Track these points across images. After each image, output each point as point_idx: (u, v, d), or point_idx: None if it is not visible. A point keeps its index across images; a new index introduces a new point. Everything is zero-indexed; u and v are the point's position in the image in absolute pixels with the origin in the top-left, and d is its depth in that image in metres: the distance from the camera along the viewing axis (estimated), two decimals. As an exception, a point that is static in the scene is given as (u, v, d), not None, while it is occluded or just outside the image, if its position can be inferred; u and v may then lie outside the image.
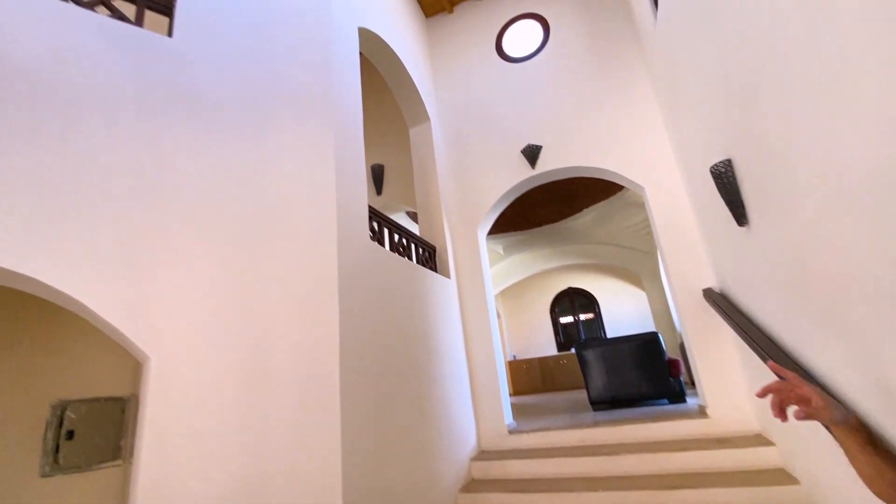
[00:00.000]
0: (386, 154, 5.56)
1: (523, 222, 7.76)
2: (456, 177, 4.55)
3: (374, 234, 2.92)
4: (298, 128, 2.38)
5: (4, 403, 2.22)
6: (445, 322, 3.58)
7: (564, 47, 4.53)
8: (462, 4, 5.30)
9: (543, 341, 10.74)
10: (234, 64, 2.29)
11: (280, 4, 2.63)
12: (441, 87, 5.00)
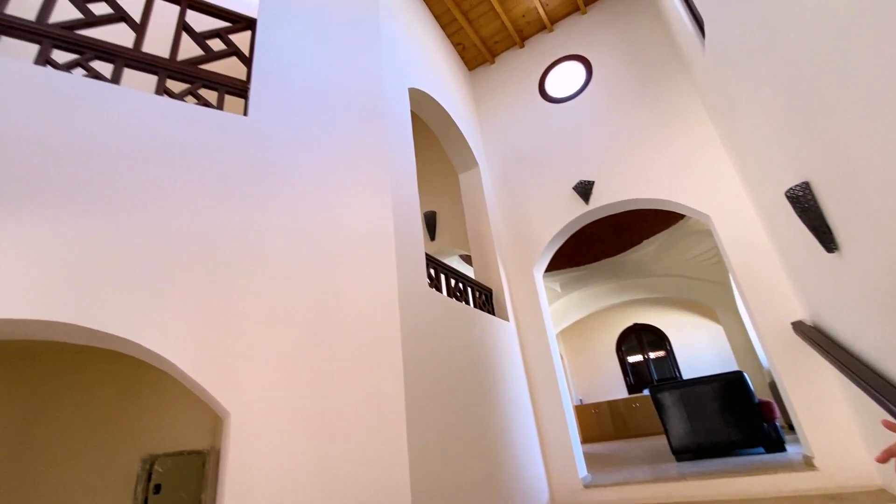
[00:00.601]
0: (437, 200, 5.72)
1: (580, 258, 7.56)
2: (508, 218, 4.57)
3: (432, 281, 2.97)
4: (359, 185, 2.52)
5: (97, 457, 2.40)
6: (508, 367, 3.48)
7: (608, 83, 4.55)
8: (503, 54, 5.52)
9: (611, 383, 10.09)
10: (301, 132, 2.50)
11: (338, 76, 2.88)
12: (487, 132, 5.15)
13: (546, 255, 4.34)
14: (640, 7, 4.69)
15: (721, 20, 2.75)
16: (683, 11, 3.55)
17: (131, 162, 1.88)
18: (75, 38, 2.05)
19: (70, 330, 1.61)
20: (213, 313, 1.82)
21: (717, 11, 2.77)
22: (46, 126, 1.77)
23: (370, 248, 2.36)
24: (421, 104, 4.00)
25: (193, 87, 2.29)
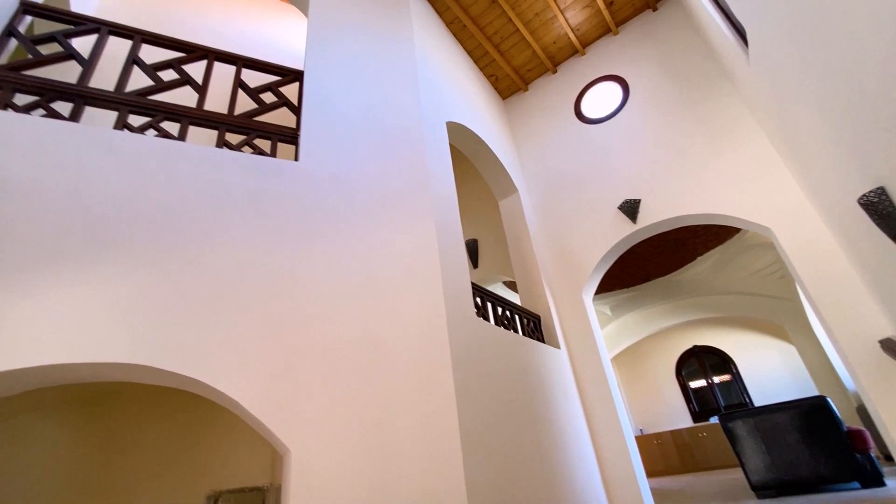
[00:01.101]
0: (478, 228, 5.74)
1: (630, 278, 7.28)
2: (552, 242, 4.50)
3: (479, 310, 2.94)
4: (404, 219, 2.58)
5: (165, 494, 2.49)
6: (561, 396, 3.35)
7: (647, 100, 4.48)
8: (536, 81, 5.59)
9: (674, 411, 9.44)
10: (347, 172, 2.61)
11: (379, 117, 3.00)
12: (525, 158, 5.16)
13: (594, 277, 4.21)
14: (673, 23, 4.64)
15: (764, 26, 2.66)
16: (722, 22, 3.47)
17: (197, 211, 2.02)
18: (147, 103, 2.28)
19: (143, 371, 1.72)
20: (271, 351, 1.88)
21: (759, 18, 2.68)
22: (124, 184, 1.95)
23: (417, 280, 2.38)
24: (458, 136, 4.09)
25: (249, 137, 2.46)
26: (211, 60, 2.57)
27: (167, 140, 2.15)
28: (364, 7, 3.53)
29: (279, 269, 2.07)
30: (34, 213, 1.76)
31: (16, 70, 2.14)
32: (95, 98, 2.17)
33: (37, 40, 2.27)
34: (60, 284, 1.67)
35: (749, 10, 2.80)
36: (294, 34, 4.99)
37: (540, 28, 4.93)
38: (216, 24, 4.59)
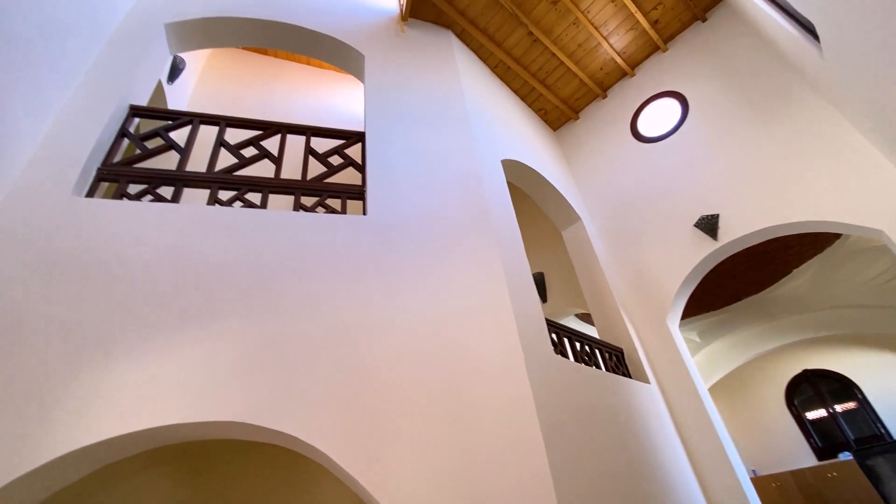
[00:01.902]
0: (543, 261, 5.62)
1: (717, 300, 6.69)
2: (625, 268, 4.28)
3: (556, 347, 2.82)
4: (471, 261, 2.58)
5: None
6: (658, 436, 3.05)
7: (709, 111, 4.26)
8: (586, 108, 5.55)
9: (790, 447, 8.21)
10: (412, 219, 2.68)
11: (437, 164, 3.09)
12: (584, 185, 5.05)
13: (678, 303, 3.91)
14: (727, 30, 4.46)
15: (837, 16, 2.47)
16: (783, 20, 3.28)
17: (282, 272, 2.16)
18: (233, 178, 2.53)
19: (243, 428, 1.80)
20: (358, 404, 1.90)
21: (829, 10, 2.51)
22: (219, 253, 2.14)
23: (490, 321, 2.34)
24: (515, 172, 4.11)
25: (322, 198, 2.63)
26: (284, 134, 2.82)
27: (252, 209, 2.35)
28: (413, 65, 3.76)
29: (360, 322, 2.13)
30: (143, 286, 1.96)
31: (128, 164, 2.48)
32: (192, 180, 2.45)
33: (143, 137, 2.63)
34: (168, 350, 1.83)
35: (816, 4, 2.63)
36: (354, 97, 5.40)
37: (585, 57, 4.95)
38: (284, 97, 5.10)
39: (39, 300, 1.82)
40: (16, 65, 2.13)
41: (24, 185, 2.11)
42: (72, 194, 2.15)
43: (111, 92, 2.64)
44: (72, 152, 2.29)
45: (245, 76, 5.11)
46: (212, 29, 3.40)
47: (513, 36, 4.61)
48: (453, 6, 4.28)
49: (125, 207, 2.17)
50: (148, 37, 3.03)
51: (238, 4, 3.49)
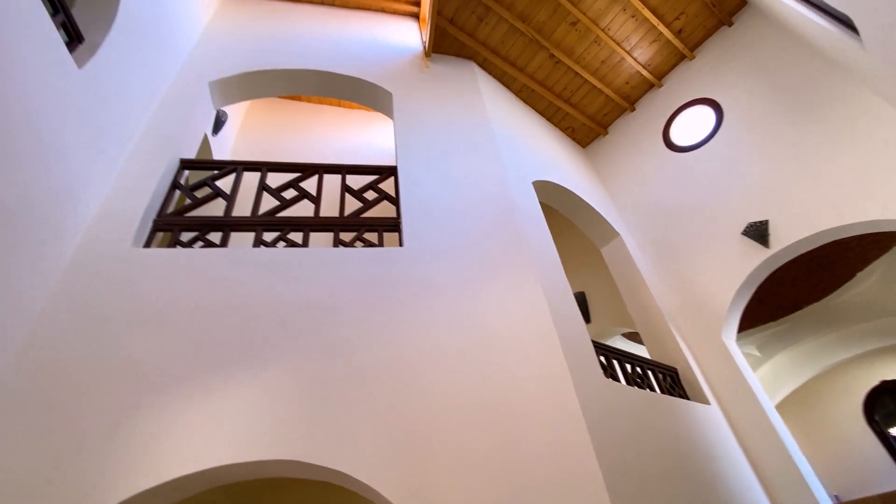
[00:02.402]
0: (583, 280, 5.48)
1: (774, 310, 6.27)
2: (671, 283, 4.10)
3: (606, 370, 2.71)
4: (510, 286, 2.55)
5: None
6: (725, 462, 2.83)
7: (745, 115, 4.12)
8: (614, 123, 5.49)
9: (875, 468, 7.40)
10: (448, 247, 2.69)
11: (469, 191, 3.11)
12: (619, 199, 4.95)
13: (732, 316, 3.69)
14: (755, 32, 4.35)
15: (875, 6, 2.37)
16: (815, 16, 3.16)
17: (322, 308, 2.21)
18: (276, 220, 2.65)
19: (294, 466, 1.81)
20: (404, 437, 1.88)
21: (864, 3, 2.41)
22: (264, 293, 2.22)
23: (535, 346, 2.28)
24: (547, 192, 4.08)
25: (360, 233, 2.70)
26: (321, 174, 2.94)
27: (294, 249, 2.44)
28: (439, 97, 3.87)
29: (404, 354, 2.13)
30: (197, 330, 2.05)
31: (180, 214, 2.64)
32: (238, 224, 2.58)
33: (193, 187, 2.81)
34: (222, 391, 1.89)
35: None
36: (385, 132, 5.60)
37: (609, 73, 4.94)
38: (319, 138, 5.36)
39: (104, 348, 1.93)
40: (86, 133, 2.35)
41: (92, 239, 2.28)
42: (132, 246, 2.31)
43: (164, 148, 2.85)
44: (131, 206, 2.47)
45: (281, 122, 5.41)
46: (250, 83, 3.65)
47: (535, 60, 4.67)
48: (474, 38, 4.41)
49: (179, 255, 2.30)
50: (195, 96, 3.28)
51: (272, 59, 3.73)
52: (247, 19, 4.25)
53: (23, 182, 1.91)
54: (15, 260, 1.86)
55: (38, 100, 2.03)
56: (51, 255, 2.07)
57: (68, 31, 2.42)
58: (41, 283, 2.00)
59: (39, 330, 1.93)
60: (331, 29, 4.35)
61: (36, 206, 1.99)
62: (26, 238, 1.92)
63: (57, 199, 2.12)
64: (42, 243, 2.02)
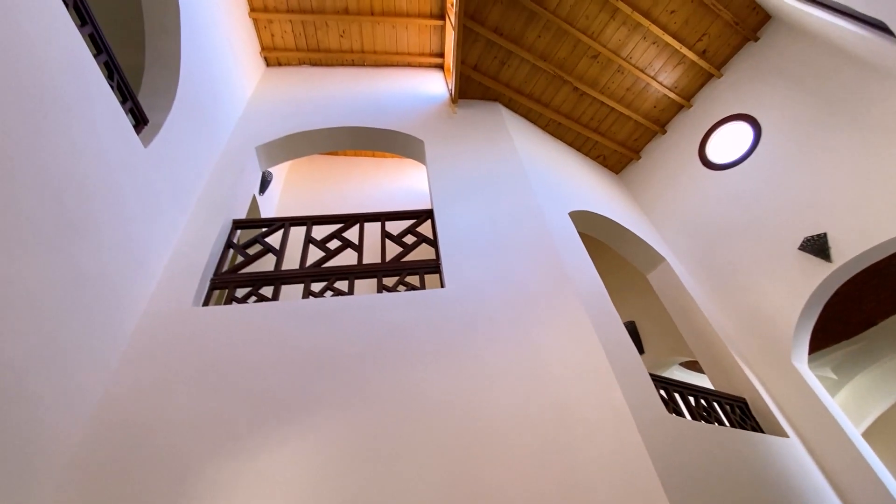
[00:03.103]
0: (632, 308, 5.29)
1: (845, 327, 5.77)
2: (727, 306, 3.89)
3: (667, 404, 2.56)
4: (555, 320, 2.50)
5: None
6: (812, 499, 2.55)
7: (784, 127, 3.98)
8: (646, 147, 5.44)
9: None
10: (490, 284, 2.68)
11: (506, 227, 3.12)
12: (660, 223, 4.82)
13: (801, 338, 3.43)
14: (783, 45, 4.26)
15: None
16: (850, 25, 3.09)
17: (370, 354, 2.24)
18: (323, 270, 2.75)
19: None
20: (461, 485, 1.82)
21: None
22: (315, 343, 2.28)
23: (589, 384, 2.20)
24: (585, 222, 4.04)
25: (402, 277, 2.76)
26: (362, 223, 3.06)
27: (341, 297, 2.52)
28: (469, 139, 3.99)
29: (453, 398, 2.10)
30: (252, 384, 2.11)
31: (234, 272, 2.80)
32: (287, 277, 2.70)
33: (245, 245, 2.98)
34: (276, 445, 1.92)
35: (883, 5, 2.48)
36: (420, 175, 5.79)
37: (635, 100, 4.95)
38: (357, 188, 5.60)
39: (168, 404, 2.02)
40: (150, 203, 2.57)
41: (157, 301, 2.45)
42: (192, 305, 2.45)
43: (217, 211, 3.06)
44: (190, 268, 2.65)
45: (321, 176, 5.72)
46: (292, 144, 3.91)
47: (559, 94, 4.77)
48: (498, 80, 4.57)
49: (234, 312, 2.42)
50: (243, 160, 3.54)
51: (311, 120, 4.00)
52: (286, 86, 4.62)
53: (99, 251, 2.10)
54: (92, 323, 2.02)
55: (112, 178, 2.26)
56: (122, 318, 2.23)
57: (135, 115, 2.70)
58: (114, 344, 2.15)
59: (112, 388, 2.05)
60: (363, 87, 4.65)
61: (109, 272, 2.17)
62: (101, 303, 2.09)
63: (127, 266, 2.30)
64: (114, 307, 2.18)
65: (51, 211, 1.83)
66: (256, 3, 4.63)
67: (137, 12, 3.14)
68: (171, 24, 3.09)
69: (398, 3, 4.77)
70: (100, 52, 2.39)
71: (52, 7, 2.00)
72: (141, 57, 3.14)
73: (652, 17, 4.30)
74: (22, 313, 1.65)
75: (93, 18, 2.35)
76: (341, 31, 4.91)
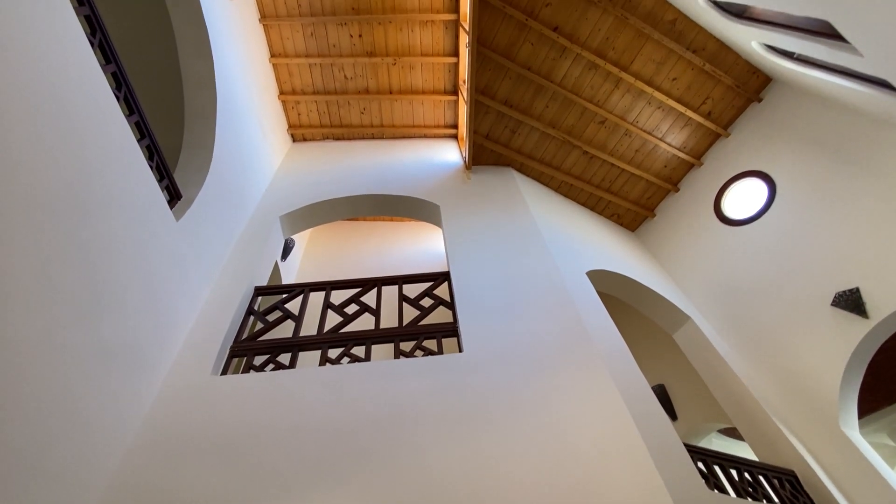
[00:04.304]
0: (660, 371, 5.05)
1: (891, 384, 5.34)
2: (762, 368, 3.67)
3: (707, 478, 2.36)
4: (578, 384, 2.40)
5: None
6: None
7: (799, 182, 3.98)
8: (660, 205, 5.47)
9: None
10: (509, 347, 2.62)
11: (522, 288, 3.10)
12: (682, 280, 4.72)
13: (847, 401, 3.18)
14: (788, 103, 4.37)
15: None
16: (851, 84, 3.18)
17: (387, 423, 2.18)
18: (340, 336, 2.75)
19: None
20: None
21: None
22: (332, 410, 2.23)
23: (618, 456, 2.06)
24: (605, 281, 4.00)
25: (419, 341, 2.73)
26: (379, 287, 3.10)
27: (357, 364, 2.49)
28: (483, 203, 4.10)
29: (472, 469, 2.00)
30: (268, 452, 2.06)
31: (254, 339, 2.82)
32: (305, 344, 2.71)
33: (265, 312, 3.03)
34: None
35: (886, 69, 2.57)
36: (436, 237, 5.90)
37: (645, 160, 5.07)
38: (376, 251, 5.72)
39: (186, 474, 1.97)
40: (176, 274, 2.67)
41: (177, 371, 2.46)
42: (211, 374, 2.46)
43: (241, 279, 3.16)
44: (211, 336, 2.69)
45: (341, 240, 5.89)
46: (315, 212, 4.09)
47: (569, 158, 4.93)
48: (509, 147, 4.78)
49: (252, 380, 2.41)
50: (267, 229, 3.70)
51: (333, 189, 4.21)
52: (310, 159, 4.91)
53: (125, 322, 2.17)
54: (114, 395, 2.03)
55: (144, 250, 2.38)
56: (143, 388, 2.24)
57: (170, 191, 2.89)
58: (134, 414, 2.15)
59: (130, 459, 2.02)
60: (381, 157, 4.91)
61: (133, 343, 2.21)
62: (123, 374, 2.11)
63: (150, 336, 2.36)
64: (136, 378, 2.20)
65: (83, 283, 1.92)
66: (285, 87, 5.08)
67: (179, 99, 3.48)
68: (209, 110, 3.40)
69: (414, 83, 5.16)
70: (143, 136, 2.62)
71: (106, 100, 2.23)
72: (179, 137, 3.42)
73: (655, 84, 4.52)
74: (48, 386, 1.69)
75: (139, 108, 2.61)
76: (362, 109, 5.28)
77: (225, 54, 3.62)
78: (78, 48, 2.08)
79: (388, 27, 4.80)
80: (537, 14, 4.08)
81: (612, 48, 4.30)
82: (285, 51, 4.90)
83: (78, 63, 2.07)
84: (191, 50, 3.34)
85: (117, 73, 2.44)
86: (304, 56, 4.91)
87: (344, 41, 4.85)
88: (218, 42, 3.49)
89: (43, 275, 1.71)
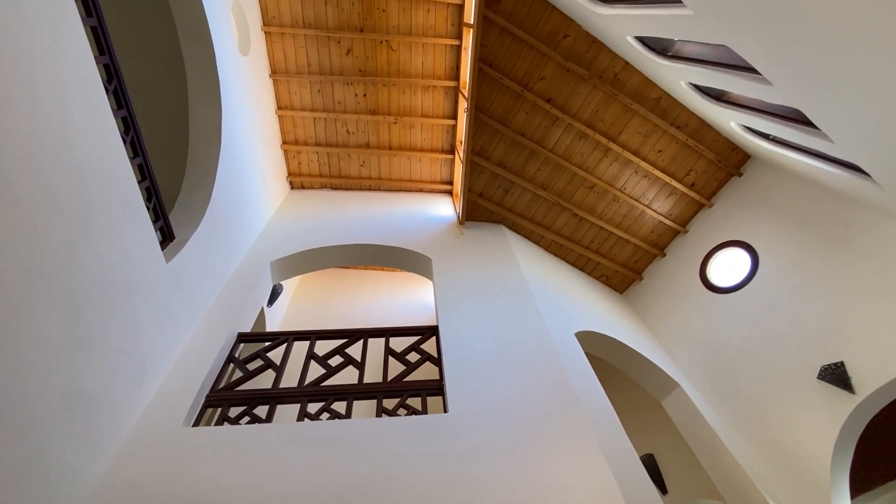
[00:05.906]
0: (649, 439, 4.90)
1: (891, 462, 5.22)
2: (752, 441, 3.59)
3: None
4: (563, 445, 2.33)
5: None
6: None
7: (781, 253, 4.11)
8: (647, 269, 5.58)
9: None
10: (495, 409, 2.55)
11: (510, 347, 3.07)
12: (670, 346, 4.71)
13: (839, 478, 3.09)
14: (767, 178, 4.59)
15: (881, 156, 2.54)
16: (824, 166, 3.39)
17: (368, 485, 2.07)
18: (321, 389, 2.67)
19: None
20: None
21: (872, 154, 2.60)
22: (305, 469, 2.12)
23: (607, 531, 1.96)
24: (592, 343, 3.98)
25: (403, 398, 2.65)
26: (366, 339, 3.05)
27: (336, 421, 2.40)
28: (474, 259, 4.15)
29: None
30: (236, 518, 1.93)
31: (231, 388, 2.72)
32: (284, 396, 2.61)
33: (245, 360, 2.94)
34: None
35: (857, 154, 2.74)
36: (426, 289, 5.88)
37: (633, 225, 5.23)
38: (364, 301, 5.66)
39: (139, 544, 1.82)
40: (160, 318, 2.61)
41: (147, 420, 2.34)
42: (182, 425, 2.34)
43: (224, 324, 3.09)
44: (187, 385, 2.58)
45: (330, 288, 5.85)
46: (306, 259, 4.09)
47: (559, 219, 5.07)
48: (502, 206, 4.91)
49: (226, 434, 2.30)
50: (256, 275, 3.68)
51: (326, 237, 4.24)
52: (307, 206, 4.99)
53: (100, 366, 2.08)
54: (78, 443, 1.91)
55: (130, 292, 2.34)
56: (108, 438, 2.12)
57: (164, 233, 2.90)
58: (96, 465, 2.01)
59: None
60: (376, 209, 5.01)
61: (106, 388, 2.12)
62: (91, 421, 2.00)
63: (124, 381, 2.26)
64: (102, 427, 2.08)
65: (62, 321, 1.87)
66: (289, 137, 5.25)
67: (183, 142, 3.56)
68: (212, 155, 3.48)
69: (413, 140, 5.38)
70: (144, 178, 2.66)
71: (112, 139, 2.29)
72: (179, 179, 3.47)
73: (641, 155, 4.76)
74: (10, 430, 1.59)
75: (144, 151, 2.67)
76: (361, 162, 5.46)
77: (233, 103, 3.77)
78: (93, 94, 2.16)
79: (391, 89, 5.07)
80: (532, 86, 4.36)
81: (602, 120, 4.57)
82: (292, 104, 5.12)
83: (92, 108, 2.14)
84: (201, 96, 3.48)
85: (127, 118, 2.52)
86: (310, 110, 5.13)
87: (349, 99, 5.11)
88: (228, 91, 3.64)
89: (17, 313, 1.66)
